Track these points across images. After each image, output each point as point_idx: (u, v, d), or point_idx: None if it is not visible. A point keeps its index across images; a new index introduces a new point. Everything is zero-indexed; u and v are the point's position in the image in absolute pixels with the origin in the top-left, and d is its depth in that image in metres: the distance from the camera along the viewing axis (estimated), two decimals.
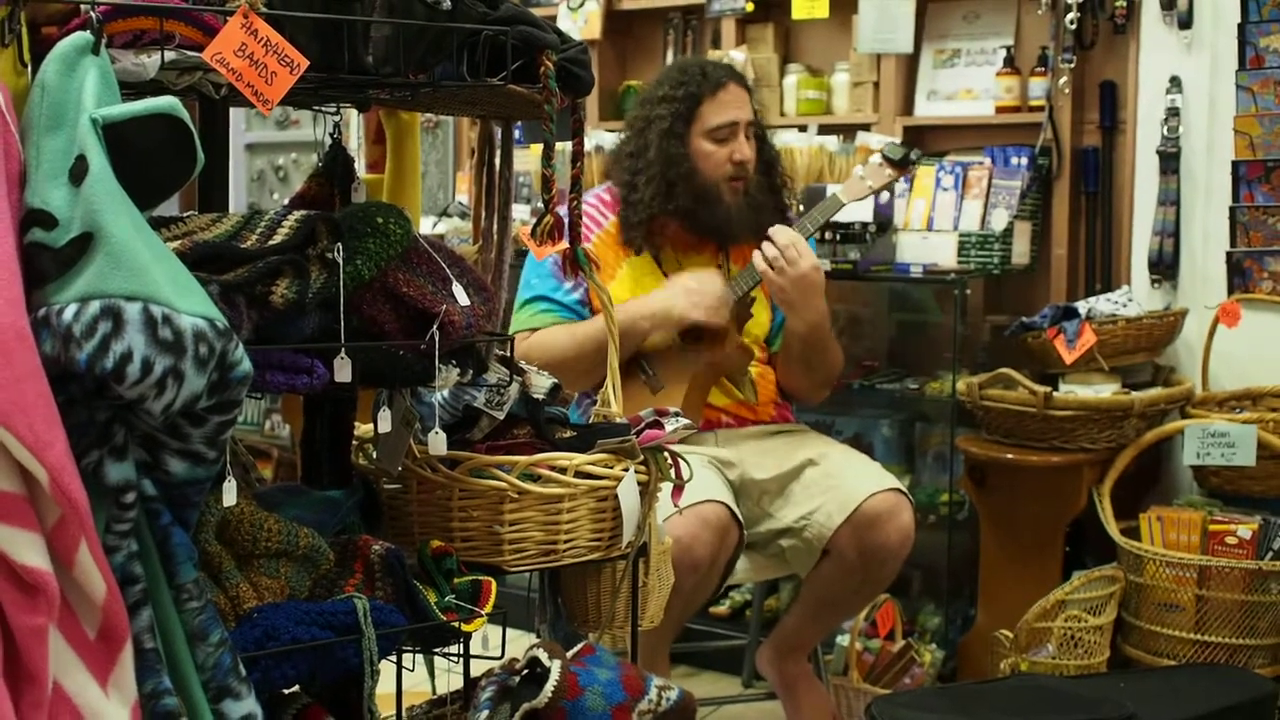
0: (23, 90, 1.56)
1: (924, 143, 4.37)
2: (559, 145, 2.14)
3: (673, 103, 3.30)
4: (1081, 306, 3.70)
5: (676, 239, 3.36)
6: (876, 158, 3.44)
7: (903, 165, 3.42)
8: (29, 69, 1.57)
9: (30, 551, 1.44)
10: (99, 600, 1.49)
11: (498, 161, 2.37)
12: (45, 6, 1.61)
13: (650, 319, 3.22)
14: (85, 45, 1.54)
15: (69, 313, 1.45)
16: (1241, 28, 3.77)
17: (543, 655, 2.01)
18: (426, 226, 4.41)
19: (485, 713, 1.95)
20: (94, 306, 1.45)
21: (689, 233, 3.35)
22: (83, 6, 1.59)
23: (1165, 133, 3.89)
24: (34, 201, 1.49)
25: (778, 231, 3.21)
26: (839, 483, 3.16)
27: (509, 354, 2.24)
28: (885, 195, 3.78)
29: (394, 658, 2.10)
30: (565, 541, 2.19)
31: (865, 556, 3.11)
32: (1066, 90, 4.05)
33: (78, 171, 1.49)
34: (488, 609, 2.02)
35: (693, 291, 3.22)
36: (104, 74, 1.55)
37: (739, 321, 3.32)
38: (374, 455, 2.24)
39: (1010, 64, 4.17)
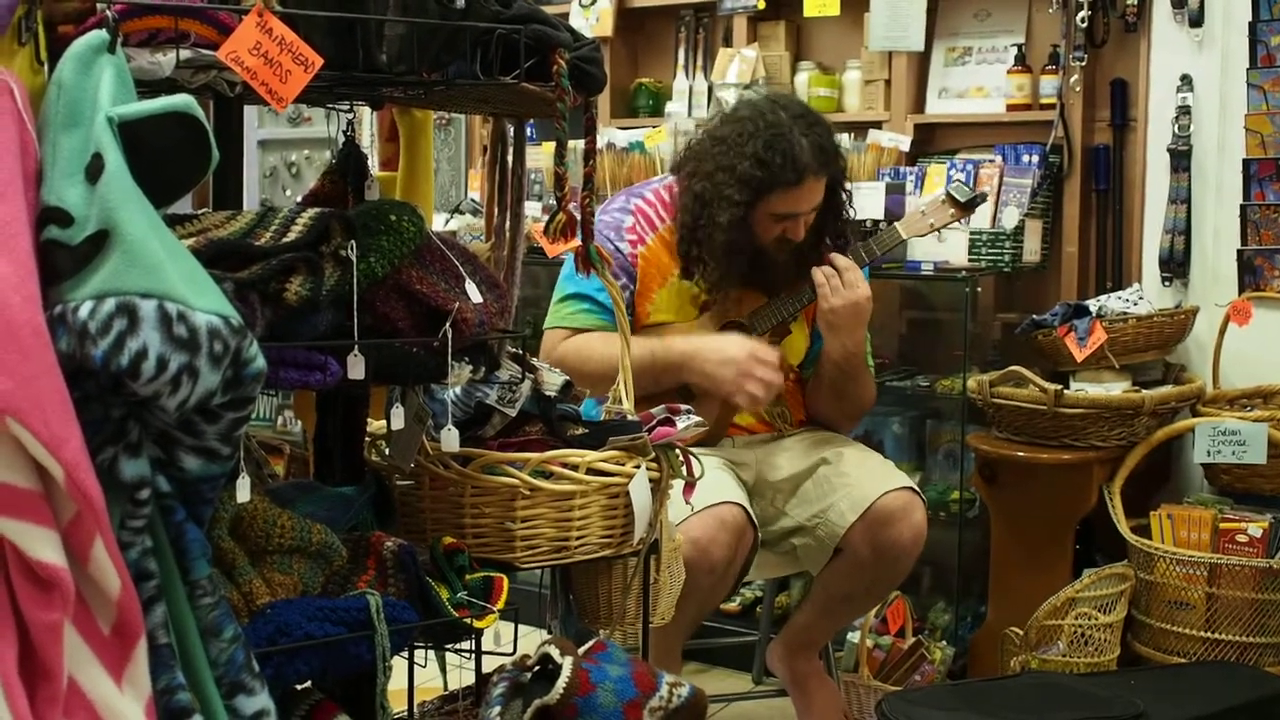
0: (39, 88, 1.56)
1: (935, 140, 4.38)
2: (571, 143, 2.14)
3: (746, 187, 3.09)
4: (1092, 304, 3.70)
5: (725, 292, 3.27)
6: (941, 194, 3.37)
7: (968, 208, 3.35)
8: (45, 67, 1.58)
9: (46, 547, 1.45)
10: (114, 596, 1.50)
11: (510, 159, 2.38)
12: (62, 5, 1.61)
13: (692, 374, 3.15)
14: (101, 44, 1.55)
15: (85, 310, 1.46)
16: (1253, 26, 3.77)
17: (554, 652, 2.01)
18: (438, 223, 4.42)
19: (497, 709, 1.96)
20: (109, 304, 1.46)
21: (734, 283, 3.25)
22: (99, 5, 1.59)
23: (1176, 130, 3.89)
24: (50, 199, 1.50)
25: (836, 257, 3.18)
26: (852, 481, 3.16)
27: (523, 351, 2.24)
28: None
29: (406, 654, 2.11)
30: (577, 538, 2.19)
31: (878, 555, 3.11)
32: (1078, 88, 4.04)
33: (94, 169, 1.49)
34: (500, 605, 2.02)
35: (747, 376, 3.11)
36: (120, 72, 1.56)
37: (776, 337, 3.27)
38: (386, 452, 2.24)
39: (1021, 62, 4.17)
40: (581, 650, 2.05)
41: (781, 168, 3.07)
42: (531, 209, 4.49)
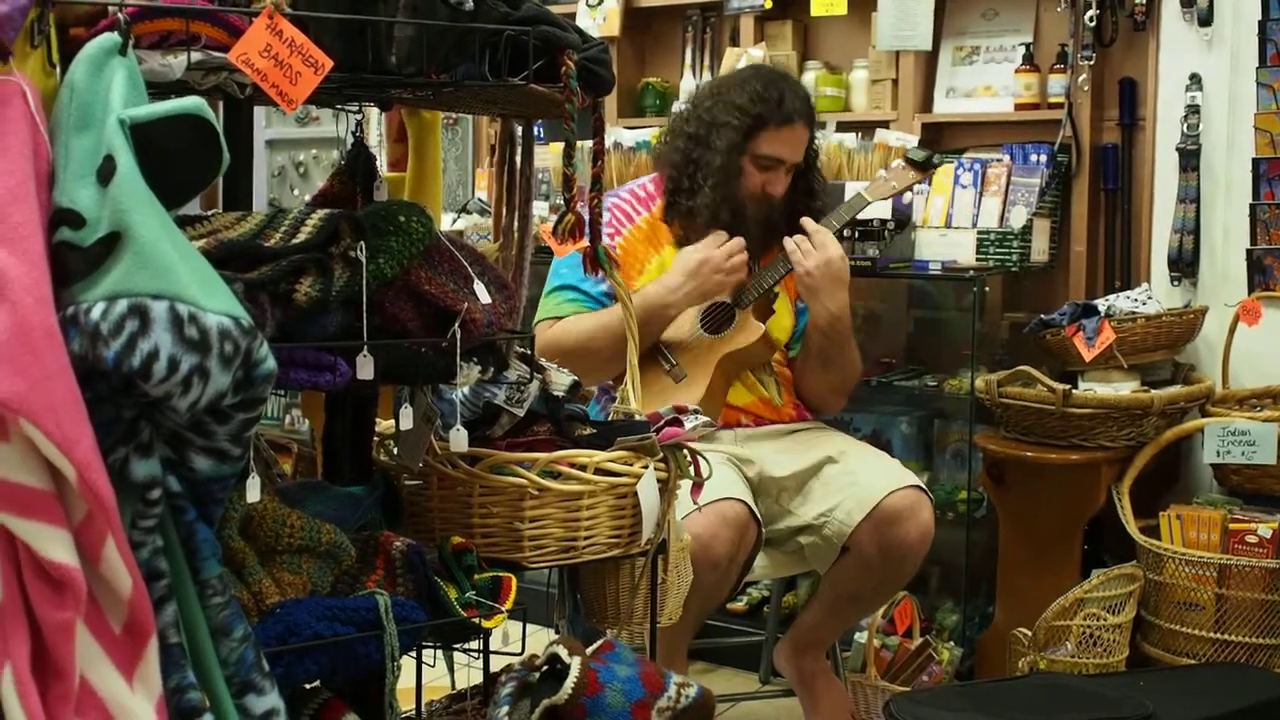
0: (52, 91, 1.57)
1: (943, 140, 4.38)
2: (579, 143, 2.15)
3: (743, 115, 3.29)
4: (1101, 304, 3.70)
5: (703, 235, 3.33)
6: (899, 160, 3.48)
7: (924, 168, 3.47)
8: (58, 70, 1.58)
9: (58, 547, 1.46)
10: (125, 595, 1.51)
11: (519, 159, 2.38)
12: (73, 8, 1.62)
13: (678, 297, 3.23)
14: (113, 46, 1.56)
15: (96, 311, 1.46)
16: (1262, 25, 3.76)
17: (562, 652, 2.01)
18: (446, 223, 4.43)
19: (505, 708, 1.96)
20: (121, 305, 1.46)
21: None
22: (110, 8, 1.60)
23: (1185, 130, 3.88)
24: (62, 201, 1.51)
25: (807, 222, 3.27)
26: (859, 480, 3.16)
27: (529, 350, 2.25)
28: (908, 195, 3.78)
29: (415, 653, 2.11)
30: (585, 538, 2.20)
31: (885, 554, 3.11)
32: (1086, 87, 4.04)
33: (105, 171, 1.50)
34: (508, 605, 2.02)
35: (711, 264, 3.22)
36: (131, 75, 1.57)
37: (762, 315, 3.33)
38: (395, 451, 2.25)
39: (1029, 61, 4.17)
40: (589, 650, 2.06)
41: (779, 104, 3.30)
42: (539, 209, 4.50)
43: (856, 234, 3.83)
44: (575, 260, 3.21)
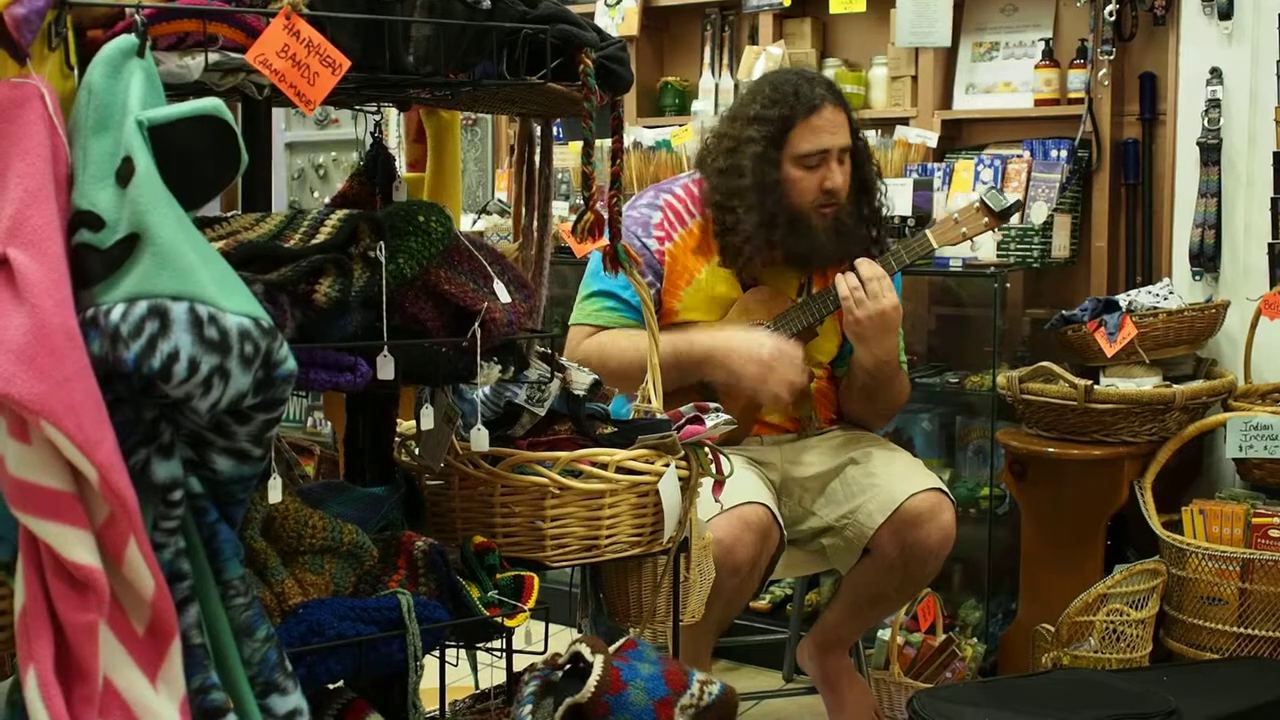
0: (69, 93, 1.57)
1: (962, 136, 4.37)
2: (598, 142, 2.14)
3: (765, 124, 3.16)
4: (1122, 299, 3.69)
5: (764, 258, 3.22)
6: (975, 201, 3.30)
7: (1002, 217, 3.28)
8: (75, 72, 1.59)
9: (80, 549, 1.46)
10: (148, 597, 1.51)
11: (538, 159, 2.38)
12: (91, 10, 1.62)
13: (716, 370, 3.13)
14: (130, 48, 1.56)
15: (116, 313, 1.46)
16: None
17: (585, 650, 2.01)
18: (466, 224, 4.43)
19: (528, 707, 1.96)
20: (141, 306, 1.47)
21: (776, 254, 3.23)
22: (128, 10, 1.60)
23: (1206, 124, 3.87)
24: (81, 203, 1.51)
25: (863, 264, 3.13)
26: (880, 482, 3.15)
27: (550, 350, 2.25)
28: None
29: (437, 653, 2.11)
30: (607, 537, 2.20)
31: (906, 556, 3.10)
32: (1106, 82, 4.03)
33: (124, 173, 1.50)
34: (530, 604, 2.03)
35: (772, 373, 3.09)
36: (149, 76, 1.57)
37: (803, 343, 3.22)
38: (416, 452, 2.25)
39: (1049, 56, 4.15)
40: (612, 648, 2.06)
41: (795, 99, 3.15)
42: (559, 208, 4.49)
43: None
44: None
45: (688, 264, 3.26)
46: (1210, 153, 3.86)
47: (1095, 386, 3.55)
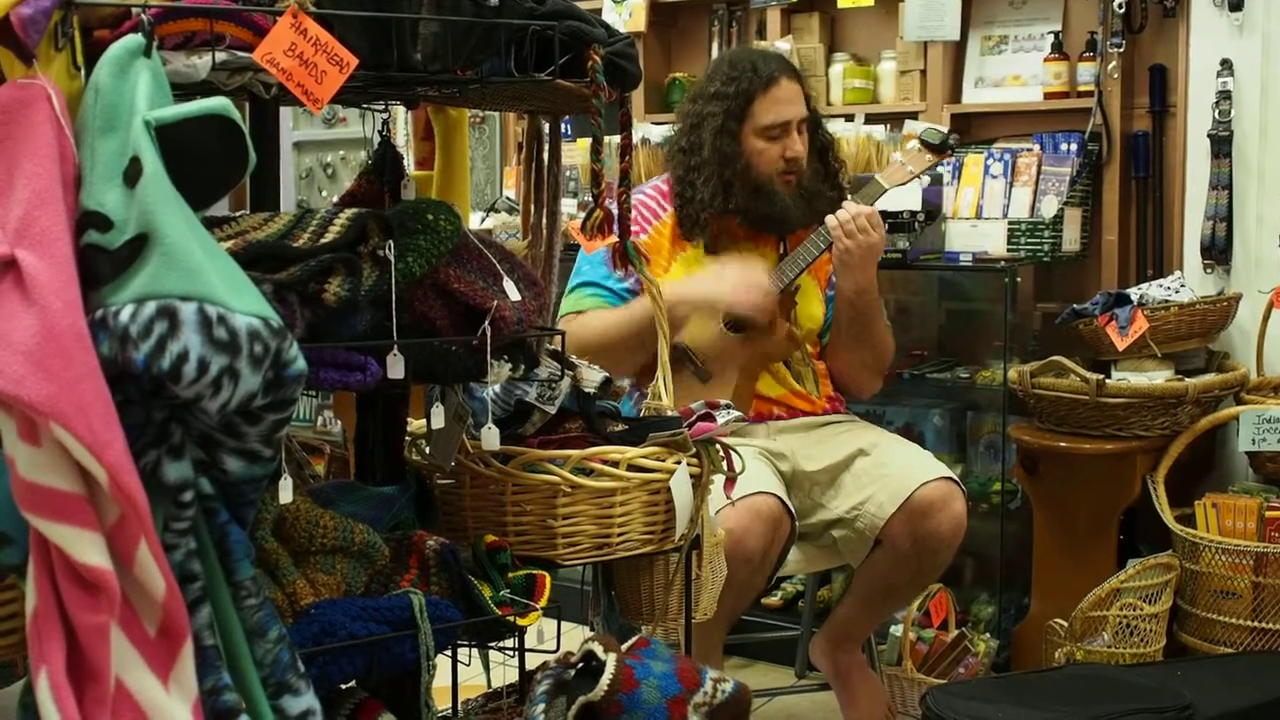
0: (76, 94, 1.57)
1: (972, 130, 4.35)
2: (607, 139, 2.14)
3: (725, 100, 3.30)
4: (1133, 293, 3.68)
5: (733, 233, 3.36)
6: (914, 143, 3.43)
7: (941, 150, 3.40)
8: (82, 72, 1.58)
9: (91, 550, 1.46)
10: (159, 598, 1.51)
11: (546, 156, 2.38)
12: (97, 10, 1.62)
13: (691, 305, 3.21)
14: (137, 48, 1.56)
15: (125, 314, 1.46)
16: None
17: (598, 648, 2.01)
18: (474, 222, 4.43)
19: (541, 706, 1.96)
20: (150, 307, 1.46)
21: (746, 227, 3.35)
22: (134, 9, 1.60)
23: (1217, 116, 3.85)
24: (89, 204, 1.51)
25: (849, 205, 3.26)
26: (890, 472, 3.16)
27: (560, 347, 2.24)
28: (926, 179, 3.73)
29: (450, 652, 2.11)
30: (618, 535, 2.19)
31: (918, 546, 3.10)
32: (1115, 75, 4.02)
33: (132, 173, 1.50)
34: (542, 603, 2.02)
35: (738, 282, 3.22)
36: (156, 76, 1.56)
37: (785, 309, 3.32)
38: (427, 451, 2.25)
39: (1058, 49, 4.14)
40: (625, 647, 2.05)
41: (754, 74, 3.31)
42: (567, 206, 4.49)
43: (886, 226, 3.81)
44: (598, 257, 3.24)
45: (662, 252, 3.36)
46: (1221, 145, 3.85)
47: (1107, 381, 3.54)
